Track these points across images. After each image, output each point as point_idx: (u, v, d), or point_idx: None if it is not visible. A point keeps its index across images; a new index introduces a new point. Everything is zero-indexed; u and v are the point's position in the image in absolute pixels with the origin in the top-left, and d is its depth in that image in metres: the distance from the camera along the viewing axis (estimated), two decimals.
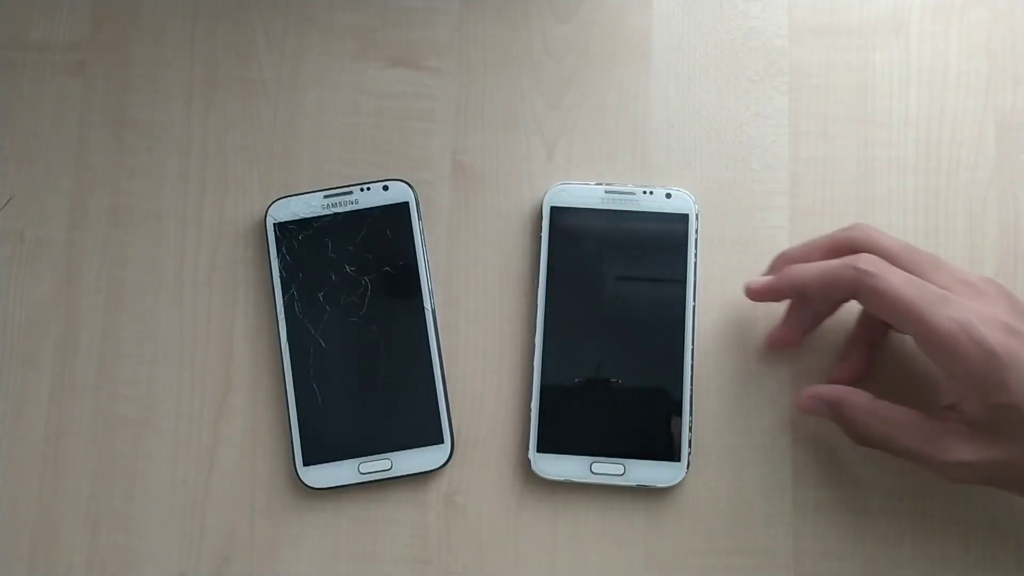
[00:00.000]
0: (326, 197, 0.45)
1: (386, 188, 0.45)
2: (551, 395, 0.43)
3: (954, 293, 0.36)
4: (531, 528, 0.43)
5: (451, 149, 0.46)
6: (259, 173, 0.46)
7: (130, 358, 0.45)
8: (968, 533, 0.42)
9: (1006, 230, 0.44)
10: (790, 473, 0.43)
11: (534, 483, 0.43)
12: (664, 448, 0.42)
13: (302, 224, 0.45)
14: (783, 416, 0.43)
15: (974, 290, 0.36)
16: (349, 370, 0.44)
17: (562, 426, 0.43)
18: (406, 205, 0.45)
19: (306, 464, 0.43)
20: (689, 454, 0.42)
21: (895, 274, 0.36)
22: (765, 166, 0.45)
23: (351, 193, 0.45)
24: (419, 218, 0.45)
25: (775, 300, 0.41)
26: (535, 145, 0.46)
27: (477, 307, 0.45)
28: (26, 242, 0.46)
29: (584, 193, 0.44)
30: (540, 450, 0.43)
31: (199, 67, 0.47)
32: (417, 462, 0.43)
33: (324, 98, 0.47)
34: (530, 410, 0.43)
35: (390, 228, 0.45)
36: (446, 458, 0.43)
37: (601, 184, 0.44)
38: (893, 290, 0.35)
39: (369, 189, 0.45)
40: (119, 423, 0.45)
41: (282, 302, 0.44)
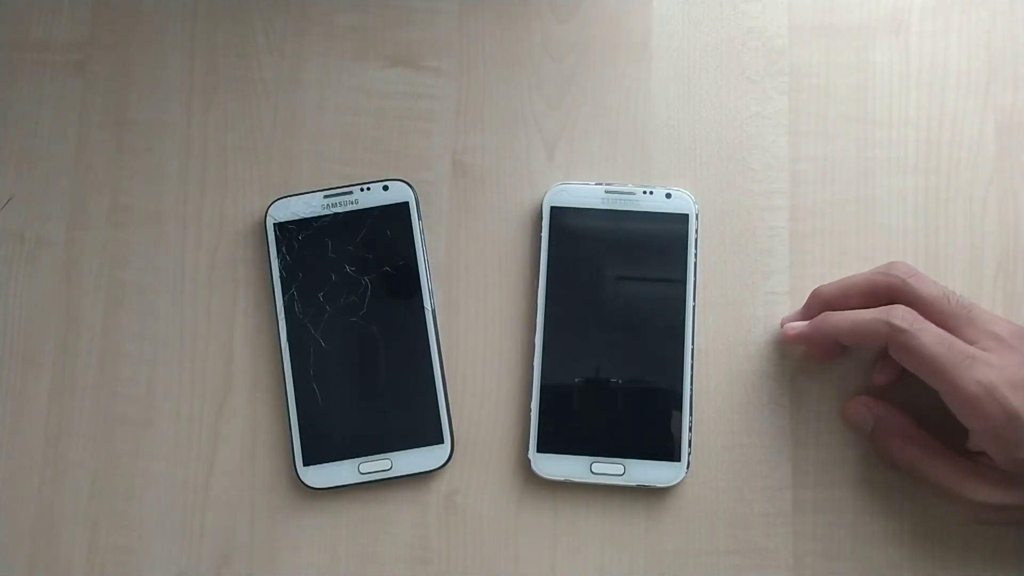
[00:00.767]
0: (326, 197, 0.45)
1: (386, 188, 0.45)
2: (551, 395, 0.43)
3: (984, 348, 0.37)
4: (531, 528, 0.43)
5: (451, 149, 0.46)
6: (259, 173, 0.46)
7: (130, 358, 0.45)
8: (968, 533, 0.42)
9: (1006, 230, 0.44)
10: (790, 473, 0.43)
11: (534, 483, 0.43)
12: (664, 448, 0.42)
13: (302, 224, 0.45)
14: (783, 416, 0.43)
15: (1004, 345, 0.37)
16: (349, 370, 0.44)
17: (562, 426, 0.43)
18: (406, 205, 0.45)
19: (306, 464, 0.43)
20: (689, 454, 0.42)
21: (926, 333, 0.37)
22: (765, 166, 0.45)
23: (351, 193, 0.45)
24: (419, 218, 0.45)
25: (812, 344, 0.42)
26: (535, 145, 0.46)
27: (477, 307, 0.45)
28: (26, 242, 0.46)
29: (584, 193, 0.44)
30: (540, 450, 0.43)
31: (199, 67, 0.47)
32: (417, 462, 0.43)
33: (324, 98, 0.47)
34: (530, 410, 0.43)
35: (390, 228, 0.45)
36: (446, 458, 0.43)
37: (601, 184, 0.44)
38: (923, 349, 0.36)
39: (369, 189, 0.45)
40: (119, 423, 0.45)
41: (282, 302, 0.44)
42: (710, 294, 0.44)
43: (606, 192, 0.44)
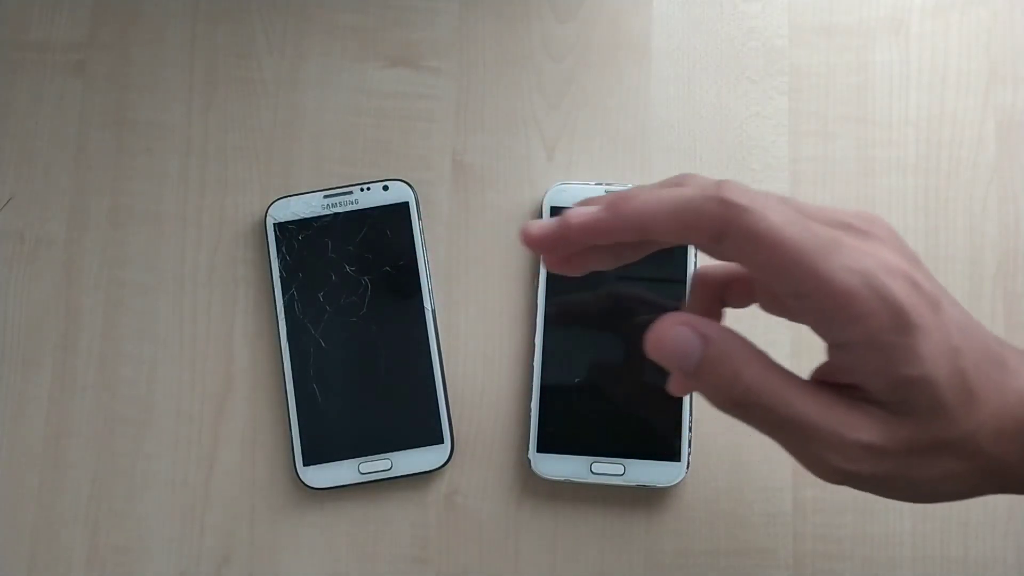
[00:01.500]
0: (326, 197, 0.45)
1: (386, 188, 0.45)
2: (551, 395, 0.43)
3: (846, 225, 0.28)
4: (531, 528, 0.43)
5: (451, 149, 0.46)
6: (259, 173, 0.46)
7: (130, 358, 0.45)
8: (968, 533, 0.42)
9: (1006, 230, 0.44)
10: (790, 473, 0.43)
11: (534, 483, 0.43)
12: (664, 448, 0.42)
13: (302, 224, 0.45)
14: None
15: (861, 233, 0.27)
16: (349, 370, 0.44)
17: (562, 426, 0.43)
18: (406, 205, 0.45)
19: (306, 464, 0.43)
20: (689, 454, 0.42)
21: (773, 210, 0.26)
22: (765, 166, 0.45)
23: (351, 193, 0.45)
24: (419, 218, 0.45)
25: (603, 242, 0.29)
26: (535, 145, 0.46)
27: (477, 307, 0.45)
28: (26, 242, 0.46)
29: (584, 193, 0.44)
30: (540, 450, 0.43)
31: (199, 67, 0.47)
32: (417, 462, 0.43)
33: (324, 98, 0.47)
34: (530, 410, 0.43)
35: (390, 228, 0.45)
36: (446, 458, 0.43)
37: (601, 184, 0.44)
38: (774, 232, 0.26)
39: (369, 189, 0.45)
40: (119, 423, 0.45)
41: (282, 302, 0.44)
42: None
43: (606, 192, 0.44)
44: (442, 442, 0.43)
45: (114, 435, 0.44)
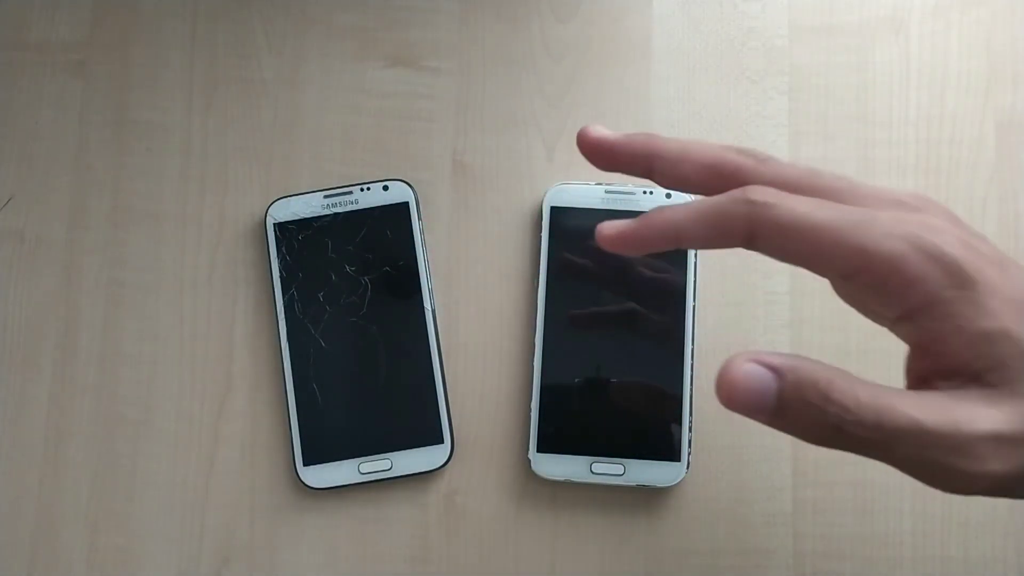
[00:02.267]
0: (326, 197, 0.45)
1: (386, 188, 0.45)
2: (551, 395, 0.43)
3: (897, 202, 0.27)
4: (531, 528, 0.43)
5: (451, 149, 0.46)
6: (259, 173, 0.46)
7: (130, 358, 0.45)
8: (968, 533, 0.42)
9: (1006, 230, 0.44)
10: (790, 473, 0.43)
11: (534, 483, 0.43)
12: (664, 448, 0.42)
13: (302, 224, 0.45)
14: None
15: (907, 207, 0.26)
16: (349, 370, 0.44)
17: (562, 426, 0.43)
18: (406, 205, 0.45)
19: (306, 464, 0.43)
20: (689, 454, 0.42)
21: (801, 202, 0.26)
22: None
23: (351, 193, 0.45)
24: (419, 218, 0.45)
25: (640, 252, 0.29)
26: (535, 145, 0.46)
27: (477, 307, 0.45)
28: (26, 242, 0.46)
29: (584, 193, 0.44)
30: (540, 450, 0.43)
31: (199, 67, 0.47)
32: (417, 462, 0.43)
33: (324, 98, 0.47)
34: (530, 410, 0.43)
35: (390, 228, 0.45)
36: (446, 458, 0.43)
37: (601, 184, 0.44)
38: (803, 219, 0.25)
39: (369, 189, 0.45)
40: (119, 423, 0.45)
41: (282, 302, 0.44)
42: (710, 294, 0.44)
43: (606, 192, 0.44)
44: (442, 442, 0.43)
45: (114, 435, 0.45)
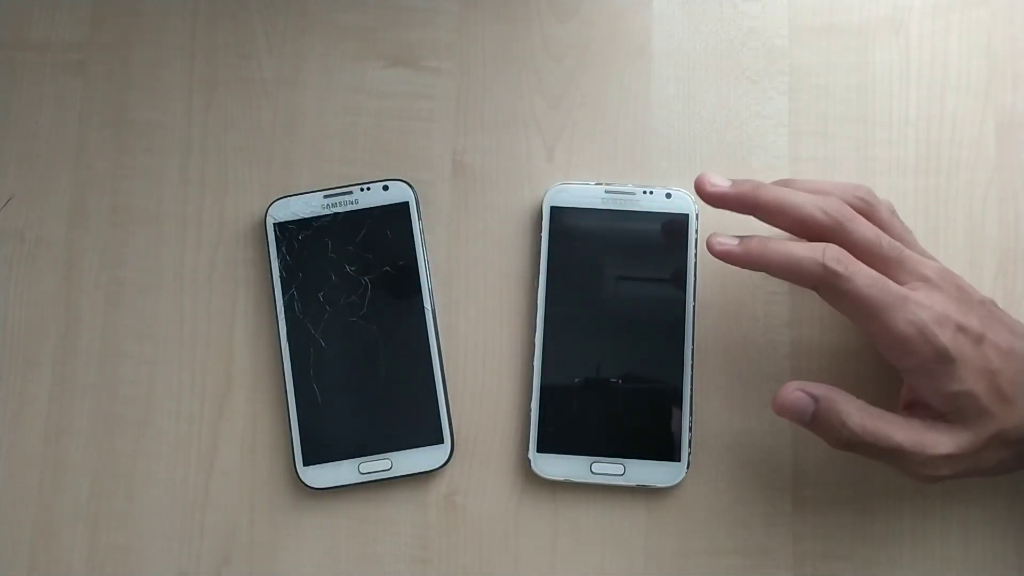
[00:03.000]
0: (326, 197, 0.45)
1: (386, 188, 0.45)
2: (551, 395, 0.43)
3: (913, 289, 0.37)
4: (531, 528, 0.43)
5: (451, 149, 0.46)
6: (259, 173, 0.46)
7: (130, 358, 0.45)
8: (968, 533, 0.42)
9: (1006, 230, 0.44)
10: (790, 473, 0.43)
11: (534, 483, 0.43)
12: (664, 448, 0.42)
13: (302, 224, 0.45)
14: None
15: (931, 285, 0.38)
16: (349, 370, 0.44)
17: (562, 426, 0.43)
18: (406, 205, 0.45)
19: (306, 464, 0.43)
20: (689, 454, 0.42)
21: (860, 275, 0.37)
22: (765, 166, 0.45)
23: (351, 193, 0.45)
24: (419, 218, 0.45)
25: (735, 263, 0.39)
26: (535, 145, 0.46)
27: (477, 307, 0.45)
28: (26, 242, 0.46)
29: (584, 193, 0.44)
30: (540, 450, 0.43)
31: (199, 67, 0.47)
32: (417, 462, 0.43)
33: (324, 98, 0.47)
34: (530, 410, 0.43)
35: (390, 228, 0.45)
36: (446, 458, 0.43)
37: (601, 184, 0.44)
38: (856, 292, 0.36)
39: (369, 189, 0.45)
40: (119, 423, 0.45)
41: (282, 302, 0.44)
42: (710, 294, 0.44)
43: (606, 192, 0.44)
44: (442, 442, 0.43)
45: (114, 435, 0.45)
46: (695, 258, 0.44)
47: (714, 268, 0.44)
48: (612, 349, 0.43)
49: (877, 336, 0.37)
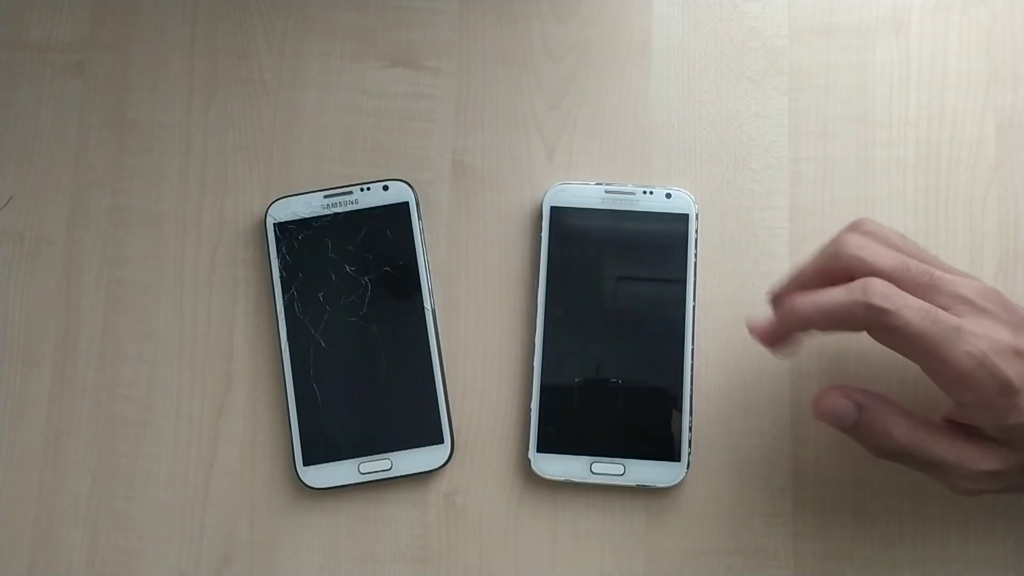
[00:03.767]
0: (326, 197, 0.45)
1: (386, 188, 0.45)
2: (551, 395, 0.43)
3: (958, 314, 0.35)
4: (531, 528, 0.43)
5: (451, 149, 0.46)
6: (259, 173, 0.46)
7: (130, 358, 0.45)
8: (968, 533, 0.42)
9: (1006, 230, 0.44)
10: (790, 473, 0.43)
11: (534, 483, 0.43)
12: (664, 448, 0.42)
13: (302, 224, 0.45)
14: (783, 416, 0.43)
15: (976, 308, 0.35)
16: (349, 370, 0.44)
17: (562, 426, 0.43)
18: (406, 205, 0.45)
19: (306, 464, 0.43)
20: (689, 454, 0.42)
21: (910, 309, 0.34)
22: (765, 166, 0.45)
23: (351, 193, 0.45)
24: (419, 218, 0.45)
25: (783, 341, 0.38)
26: (535, 145, 0.46)
27: (477, 307, 0.45)
28: (26, 242, 0.46)
29: (584, 193, 0.44)
30: (540, 450, 0.43)
31: (199, 67, 0.47)
32: (417, 462, 0.43)
33: (324, 98, 0.47)
34: (530, 410, 0.43)
35: (390, 228, 0.45)
36: (446, 458, 0.43)
37: (601, 184, 0.44)
38: (909, 328, 0.34)
39: (369, 189, 0.45)
40: (119, 423, 0.45)
41: (282, 302, 0.44)
42: (710, 294, 0.44)
43: (606, 192, 0.44)
44: (442, 442, 0.43)
45: (114, 435, 0.45)
46: (695, 258, 0.44)
47: (714, 268, 0.44)
48: (612, 349, 0.43)
49: (935, 372, 0.35)
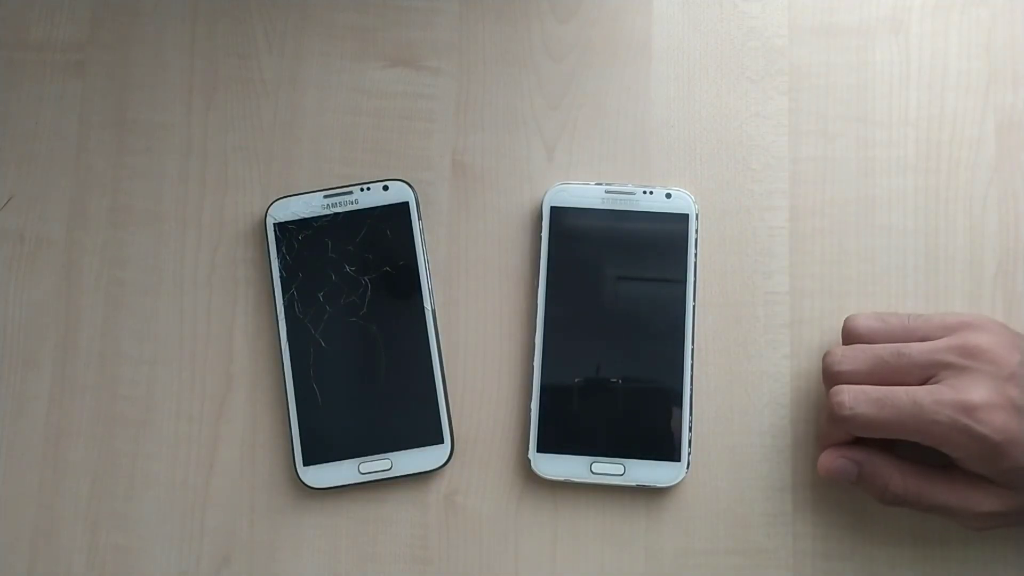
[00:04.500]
0: (326, 197, 0.45)
1: (386, 188, 0.45)
2: (551, 395, 0.43)
3: (938, 380, 0.37)
4: (531, 528, 0.43)
5: (451, 149, 0.46)
6: (259, 173, 0.46)
7: (130, 358, 0.45)
8: (968, 533, 0.42)
9: (1006, 230, 0.44)
10: (790, 473, 0.43)
11: (534, 483, 0.43)
12: (664, 448, 0.42)
13: (302, 224, 0.45)
14: (783, 416, 0.44)
15: (955, 369, 0.37)
16: (349, 370, 0.44)
17: (562, 426, 0.43)
18: (406, 205, 0.45)
19: (306, 464, 0.43)
20: (689, 454, 0.42)
21: (862, 404, 0.37)
22: (765, 166, 0.45)
23: (351, 193, 0.45)
24: (419, 218, 0.45)
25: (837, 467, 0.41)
26: (535, 145, 0.46)
27: (477, 307, 0.45)
28: (26, 242, 0.46)
29: (584, 193, 0.44)
30: (540, 450, 0.43)
31: (199, 67, 0.47)
32: (417, 462, 0.43)
33: (324, 98, 0.47)
34: (530, 410, 0.43)
35: (390, 228, 0.45)
36: (446, 458, 0.43)
37: (601, 184, 0.44)
38: (876, 419, 0.37)
39: (369, 189, 0.45)
40: (119, 423, 0.45)
41: (282, 302, 0.44)
42: (710, 294, 0.44)
43: (606, 192, 0.44)
44: (442, 442, 0.43)
45: (114, 435, 0.45)
46: (695, 258, 0.44)
47: (714, 268, 0.44)
48: (612, 349, 0.43)
49: (926, 442, 0.37)
